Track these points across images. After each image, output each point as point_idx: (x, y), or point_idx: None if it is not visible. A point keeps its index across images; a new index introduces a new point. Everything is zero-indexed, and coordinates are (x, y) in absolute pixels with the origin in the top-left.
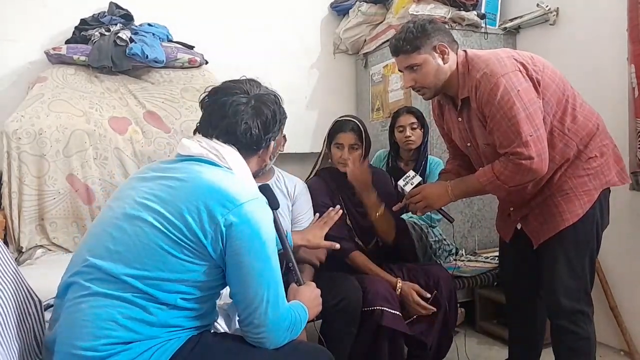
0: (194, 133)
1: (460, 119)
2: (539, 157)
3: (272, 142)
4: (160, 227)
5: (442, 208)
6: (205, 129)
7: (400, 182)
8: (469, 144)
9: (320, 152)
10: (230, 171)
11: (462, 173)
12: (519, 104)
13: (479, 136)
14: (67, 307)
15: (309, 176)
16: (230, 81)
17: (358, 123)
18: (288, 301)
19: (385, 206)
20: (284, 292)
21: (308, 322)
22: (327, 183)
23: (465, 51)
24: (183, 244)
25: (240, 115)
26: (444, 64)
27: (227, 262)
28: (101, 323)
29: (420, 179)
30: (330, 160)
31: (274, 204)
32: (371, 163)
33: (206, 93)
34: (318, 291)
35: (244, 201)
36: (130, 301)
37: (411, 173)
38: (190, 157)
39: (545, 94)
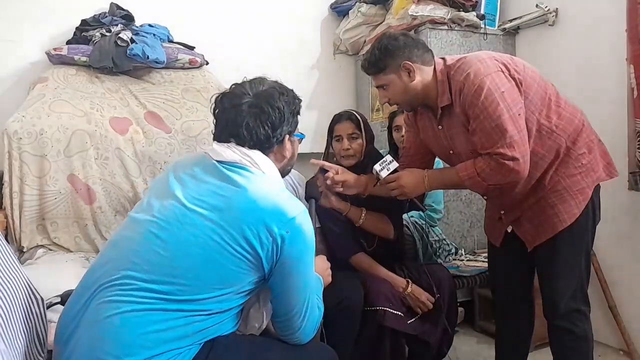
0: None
1: (440, 127)
2: (523, 159)
3: (287, 137)
4: (218, 239)
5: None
6: (217, 136)
7: (377, 167)
8: (451, 152)
9: (325, 151)
10: (269, 179)
11: None
12: (503, 104)
13: (463, 143)
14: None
15: (315, 175)
16: (235, 85)
17: (355, 113)
18: None
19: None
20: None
21: None
22: None
23: (443, 58)
24: (240, 255)
25: (242, 116)
26: (412, 81)
27: (274, 271)
28: (136, 337)
29: (397, 164)
30: (335, 159)
31: (317, 196)
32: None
33: (213, 103)
34: (328, 263)
35: (294, 215)
36: (168, 310)
37: (388, 158)
38: (225, 162)
39: (528, 93)
